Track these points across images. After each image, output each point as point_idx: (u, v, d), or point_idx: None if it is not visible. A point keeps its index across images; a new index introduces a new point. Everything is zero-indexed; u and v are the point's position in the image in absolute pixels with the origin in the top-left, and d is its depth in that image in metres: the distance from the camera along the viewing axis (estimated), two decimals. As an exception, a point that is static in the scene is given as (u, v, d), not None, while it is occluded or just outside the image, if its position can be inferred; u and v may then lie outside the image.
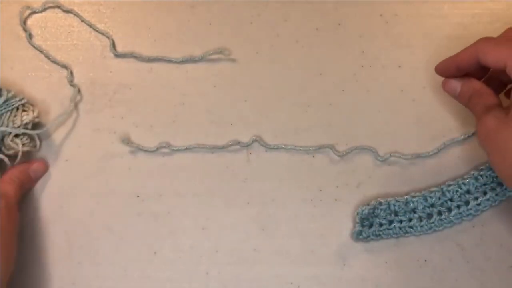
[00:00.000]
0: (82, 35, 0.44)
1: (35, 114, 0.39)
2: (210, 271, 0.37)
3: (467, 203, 0.36)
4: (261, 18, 0.44)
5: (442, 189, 0.37)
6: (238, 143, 0.40)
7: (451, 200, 0.37)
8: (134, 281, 0.36)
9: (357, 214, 0.37)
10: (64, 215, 0.38)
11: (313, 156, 0.40)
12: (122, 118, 0.41)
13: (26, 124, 0.38)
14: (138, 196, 0.39)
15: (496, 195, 0.36)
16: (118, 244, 0.37)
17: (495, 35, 0.43)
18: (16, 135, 0.38)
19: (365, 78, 0.41)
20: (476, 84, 0.35)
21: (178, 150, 0.40)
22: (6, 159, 0.38)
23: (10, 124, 0.38)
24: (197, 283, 0.36)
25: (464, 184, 0.37)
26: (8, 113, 0.38)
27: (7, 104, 0.38)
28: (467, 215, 0.36)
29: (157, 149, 0.40)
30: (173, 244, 0.37)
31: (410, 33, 0.42)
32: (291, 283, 0.36)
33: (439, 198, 0.37)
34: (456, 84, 0.35)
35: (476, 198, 0.36)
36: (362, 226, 0.36)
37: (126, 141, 0.40)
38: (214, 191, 0.39)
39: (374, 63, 0.42)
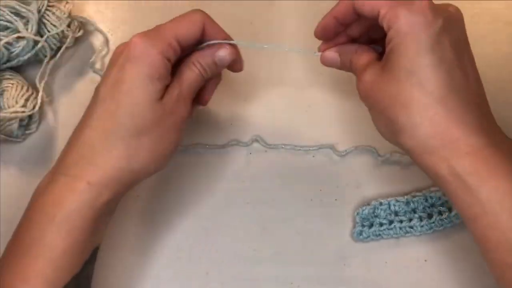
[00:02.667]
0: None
1: (70, 2, 0.42)
2: (210, 271, 0.37)
3: (467, 203, 0.36)
4: (261, 18, 0.44)
5: (442, 189, 0.37)
6: (238, 143, 0.40)
7: (451, 200, 0.37)
8: (134, 281, 0.36)
9: (357, 214, 0.37)
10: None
11: (313, 156, 0.40)
12: (122, 118, 0.41)
13: (70, 12, 0.41)
14: (138, 196, 0.39)
15: (496, 195, 0.36)
16: (118, 244, 0.37)
17: (495, 35, 0.43)
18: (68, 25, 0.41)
19: (365, 78, 0.41)
20: (352, 47, 0.34)
21: (178, 150, 0.40)
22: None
23: (59, 16, 0.40)
24: (197, 283, 0.36)
25: (464, 184, 0.37)
26: (49, 12, 0.40)
27: (44, 6, 0.40)
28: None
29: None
30: (173, 244, 0.37)
31: (410, 33, 0.42)
32: (291, 283, 0.36)
33: (439, 198, 0.37)
34: (333, 55, 0.35)
35: (476, 198, 0.36)
36: (362, 226, 0.36)
37: (126, 141, 0.40)
38: (214, 191, 0.39)
39: (374, 63, 0.42)
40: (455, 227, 0.37)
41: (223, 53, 0.34)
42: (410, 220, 0.37)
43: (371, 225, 0.37)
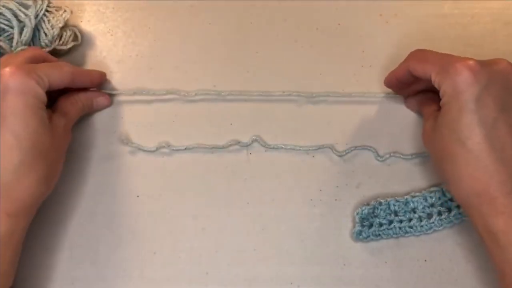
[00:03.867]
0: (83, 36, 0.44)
1: (68, 11, 0.42)
2: (210, 271, 0.37)
3: (467, 203, 0.36)
4: (261, 18, 0.44)
5: (442, 189, 0.37)
6: (238, 143, 0.40)
7: (451, 200, 0.37)
8: (134, 281, 0.36)
9: (357, 214, 0.37)
10: (64, 215, 0.38)
11: (313, 156, 0.40)
12: (122, 118, 0.41)
13: (66, 21, 0.41)
14: (138, 196, 0.39)
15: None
16: (118, 244, 0.37)
17: (495, 35, 0.43)
18: (59, 36, 0.41)
19: (365, 78, 0.41)
20: (421, 98, 0.38)
21: (178, 150, 0.40)
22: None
23: (54, 25, 0.40)
24: (197, 283, 0.36)
25: (464, 184, 0.37)
26: (45, 18, 0.40)
27: (42, 10, 0.40)
28: (467, 215, 0.36)
29: (157, 149, 0.40)
30: (173, 244, 0.37)
31: (410, 33, 0.43)
32: (291, 283, 0.36)
33: (439, 198, 0.37)
34: (412, 102, 0.39)
35: (476, 198, 0.36)
36: (362, 226, 0.36)
37: (126, 141, 0.40)
38: (214, 191, 0.39)
39: (374, 63, 0.42)
40: (455, 227, 0.37)
41: (101, 101, 0.40)
42: (410, 220, 0.37)
43: (370, 225, 0.37)
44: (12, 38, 0.39)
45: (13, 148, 0.31)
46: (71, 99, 0.38)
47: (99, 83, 0.40)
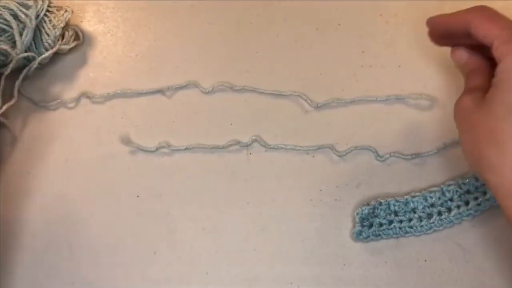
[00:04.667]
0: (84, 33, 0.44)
1: (69, 11, 0.42)
2: (210, 271, 0.37)
3: (467, 203, 0.36)
4: (261, 18, 0.44)
5: (442, 189, 0.37)
6: (238, 143, 0.40)
7: (451, 200, 0.37)
8: (134, 281, 0.36)
9: (357, 214, 0.37)
10: (64, 215, 0.38)
11: (313, 156, 0.40)
12: (122, 118, 0.41)
13: (68, 21, 0.41)
14: (138, 196, 0.39)
15: (496, 195, 0.36)
16: (118, 244, 0.37)
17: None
18: (61, 36, 0.41)
19: (365, 78, 0.41)
20: (479, 61, 0.34)
21: (178, 150, 0.40)
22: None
23: (55, 25, 0.40)
24: (197, 283, 0.36)
25: (464, 184, 0.37)
26: (46, 18, 0.40)
27: (43, 10, 0.40)
28: (467, 215, 0.36)
29: (157, 149, 0.40)
30: (173, 244, 0.37)
31: (410, 33, 0.43)
32: (291, 283, 0.36)
33: (439, 198, 0.37)
34: (463, 54, 0.35)
35: (476, 198, 0.36)
36: (362, 226, 0.36)
37: (126, 141, 0.40)
38: (214, 191, 0.39)
39: (374, 63, 0.42)
40: (455, 227, 0.37)
41: None
42: (410, 220, 0.37)
43: (370, 225, 0.37)
44: (13, 38, 0.39)
45: None
46: None
47: None
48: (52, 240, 0.38)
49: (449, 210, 0.36)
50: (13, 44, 0.39)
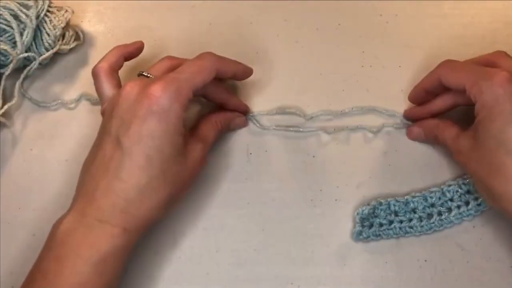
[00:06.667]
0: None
1: (70, 11, 0.42)
2: (210, 271, 0.37)
3: (467, 203, 0.36)
4: (261, 18, 0.44)
5: (442, 189, 0.37)
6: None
7: (451, 200, 0.37)
8: (134, 281, 0.36)
9: (357, 214, 0.36)
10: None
11: (313, 156, 0.39)
12: (122, 118, 0.41)
13: (68, 21, 0.41)
14: (138, 196, 0.39)
15: (496, 195, 0.36)
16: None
17: (495, 35, 0.43)
18: (62, 36, 0.41)
19: (365, 78, 0.41)
20: (433, 123, 0.37)
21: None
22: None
23: (56, 25, 0.40)
24: (197, 283, 0.36)
25: (464, 184, 0.37)
26: (46, 18, 0.40)
27: (43, 10, 0.40)
28: (467, 215, 0.36)
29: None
30: (173, 244, 0.37)
31: (410, 33, 0.43)
32: (291, 283, 0.36)
33: (439, 198, 0.37)
34: (418, 131, 0.38)
35: (476, 198, 0.36)
36: (362, 226, 0.36)
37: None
38: (214, 191, 0.39)
39: (374, 63, 0.42)
40: (455, 227, 0.37)
41: (239, 122, 0.40)
42: (410, 220, 0.37)
43: (371, 225, 0.37)
44: (13, 38, 0.39)
45: (143, 169, 0.31)
46: (211, 122, 0.37)
47: (241, 77, 0.38)
48: (52, 240, 0.38)
49: (449, 210, 0.36)
50: (14, 44, 0.39)
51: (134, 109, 0.32)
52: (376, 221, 0.37)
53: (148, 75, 0.36)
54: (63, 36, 0.42)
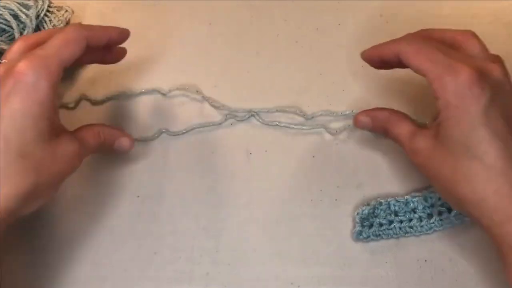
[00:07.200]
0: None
1: (70, 11, 0.42)
2: (210, 271, 0.37)
3: (467, 203, 0.36)
4: (261, 18, 0.44)
5: (442, 189, 0.37)
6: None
7: (451, 200, 0.37)
8: (134, 281, 0.36)
9: (357, 214, 0.37)
10: (64, 215, 0.38)
11: (313, 156, 0.40)
12: (121, 118, 0.41)
13: (68, 21, 0.41)
14: (138, 196, 0.39)
15: (496, 195, 0.36)
16: (118, 244, 0.37)
17: (495, 35, 0.43)
18: None
19: (365, 78, 0.41)
20: (383, 115, 0.35)
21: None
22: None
23: (55, 25, 0.40)
24: (197, 283, 0.36)
25: (464, 184, 0.37)
26: (46, 18, 0.40)
27: (43, 10, 0.40)
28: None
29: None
30: (173, 244, 0.37)
31: (410, 33, 0.42)
32: (291, 283, 0.36)
33: (439, 198, 0.37)
34: (366, 120, 0.36)
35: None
36: (362, 226, 0.36)
37: (126, 141, 0.40)
38: (214, 191, 0.39)
39: (374, 63, 0.42)
40: (455, 228, 0.37)
41: (125, 144, 0.37)
42: (410, 220, 0.37)
43: (371, 225, 0.37)
44: (13, 38, 0.39)
45: (1, 154, 0.28)
46: (94, 130, 0.35)
47: (118, 41, 0.36)
48: (52, 240, 0.38)
49: (450, 210, 0.36)
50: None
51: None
52: (376, 221, 0.37)
53: (4, 61, 0.32)
54: None
